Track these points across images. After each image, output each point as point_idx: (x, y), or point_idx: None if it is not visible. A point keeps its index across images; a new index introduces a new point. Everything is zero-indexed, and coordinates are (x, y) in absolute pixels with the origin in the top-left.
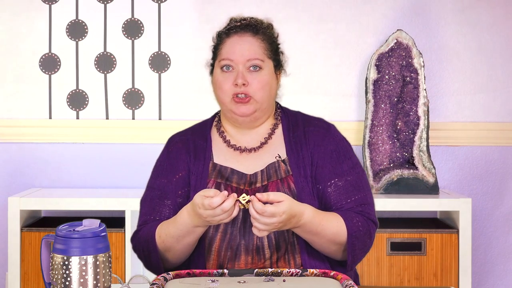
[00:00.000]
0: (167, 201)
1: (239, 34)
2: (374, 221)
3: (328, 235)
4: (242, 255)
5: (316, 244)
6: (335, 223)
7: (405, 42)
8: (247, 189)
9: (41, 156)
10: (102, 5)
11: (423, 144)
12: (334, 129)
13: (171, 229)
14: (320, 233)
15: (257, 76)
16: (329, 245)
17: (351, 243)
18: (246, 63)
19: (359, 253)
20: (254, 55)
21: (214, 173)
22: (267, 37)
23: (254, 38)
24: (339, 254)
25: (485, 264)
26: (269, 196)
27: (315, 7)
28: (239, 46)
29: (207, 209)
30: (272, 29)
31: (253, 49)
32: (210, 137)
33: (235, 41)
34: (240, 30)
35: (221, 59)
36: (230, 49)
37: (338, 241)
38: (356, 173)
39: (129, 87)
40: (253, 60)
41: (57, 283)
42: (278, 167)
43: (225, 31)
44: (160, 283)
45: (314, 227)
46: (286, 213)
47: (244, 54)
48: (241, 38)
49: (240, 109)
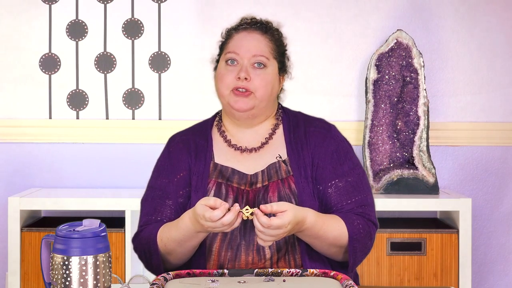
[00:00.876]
0: (168, 201)
1: (248, 31)
2: (374, 222)
3: (330, 238)
4: (242, 255)
5: (317, 246)
6: (337, 226)
7: (405, 42)
8: (248, 190)
9: (41, 156)
10: (102, 5)
11: (423, 144)
12: (335, 130)
13: (173, 233)
14: (321, 236)
15: (260, 73)
16: (330, 247)
17: (352, 246)
18: (251, 59)
19: (360, 255)
20: (260, 52)
21: (215, 173)
22: (275, 38)
23: (263, 37)
24: (339, 255)
25: (485, 264)
26: (272, 207)
27: (315, 7)
28: (246, 41)
29: (207, 221)
30: (282, 34)
31: (260, 46)
32: (211, 137)
33: (243, 36)
34: (249, 27)
35: (227, 52)
36: (238, 43)
37: (339, 244)
38: (357, 174)
39: (129, 87)
40: (259, 57)
41: (57, 283)
42: (278, 168)
43: (235, 27)
44: (160, 283)
45: (316, 231)
46: (291, 223)
47: (251, 49)
48: (249, 34)
49: (238, 103)
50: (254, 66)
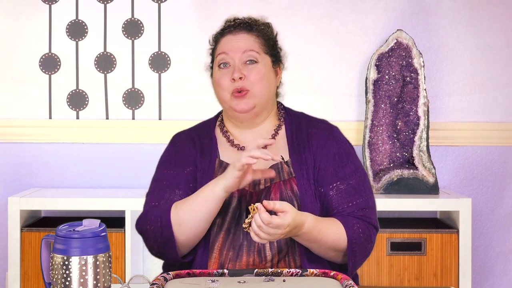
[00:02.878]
0: (178, 191)
1: (233, 33)
2: (375, 225)
3: (328, 242)
4: (244, 256)
5: (315, 250)
6: (335, 230)
7: (405, 42)
8: (251, 191)
9: (41, 156)
10: (102, 5)
11: (423, 144)
12: (337, 131)
13: (189, 199)
14: (319, 241)
15: (253, 68)
16: (328, 251)
17: (351, 249)
18: (242, 56)
19: (359, 258)
20: (250, 47)
21: (220, 170)
22: (261, 33)
23: (249, 35)
24: (339, 258)
25: (485, 264)
26: (275, 205)
27: (315, 7)
28: (234, 41)
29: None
30: (269, 27)
31: (248, 42)
32: (215, 135)
33: (229, 38)
34: (234, 29)
35: (217, 55)
36: (226, 44)
37: (338, 248)
38: (358, 176)
39: (129, 87)
40: (249, 52)
41: (57, 283)
42: (281, 169)
43: (220, 31)
44: (160, 283)
45: (313, 236)
46: (290, 226)
47: (240, 46)
48: (235, 36)
49: (239, 105)
50: (246, 64)
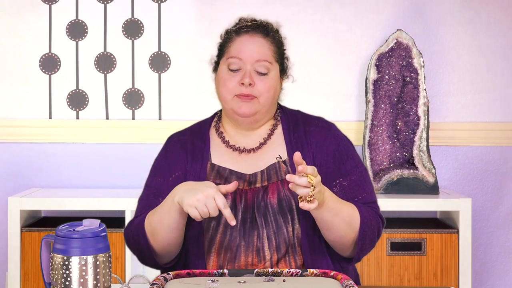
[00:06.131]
0: (161, 199)
1: (250, 34)
2: (381, 217)
3: (345, 213)
4: (242, 257)
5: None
6: (350, 206)
7: (405, 42)
8: (247, 189)
9: (41, 156)
10: (102, 5)
11: (423, 144)
12: (335, 128)
13: (158, 209)
14: (338, 209)
15: (264, 78)
16: (344, 226)
17: (362, 229)
18: (255, 64)
19: (368, 243)
20: (264, 57)
21: (213, 173)
22: (276, 40)
23: (265, 40)
24: (350, 240)
25: (485, 264)
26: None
27: (315, 7)
28: (249, 46)
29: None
30: (280, 34)
31: (263, 50)
32: (208, 137)
33: (246, 40)
34: (251, 30)
35: (229, 57)
36: (240, 48)
37: (352, 223)
38: (360, 171)
39: (129, 87)
40: (262, 62)
41: (57, 283)
42: (278, 168)
43: (235, 29)
44: (160, 283)
45: (334, 203)
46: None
47: (254, 55)
48: (252, 38)
49: (242, 108)
50: (256, 72)
